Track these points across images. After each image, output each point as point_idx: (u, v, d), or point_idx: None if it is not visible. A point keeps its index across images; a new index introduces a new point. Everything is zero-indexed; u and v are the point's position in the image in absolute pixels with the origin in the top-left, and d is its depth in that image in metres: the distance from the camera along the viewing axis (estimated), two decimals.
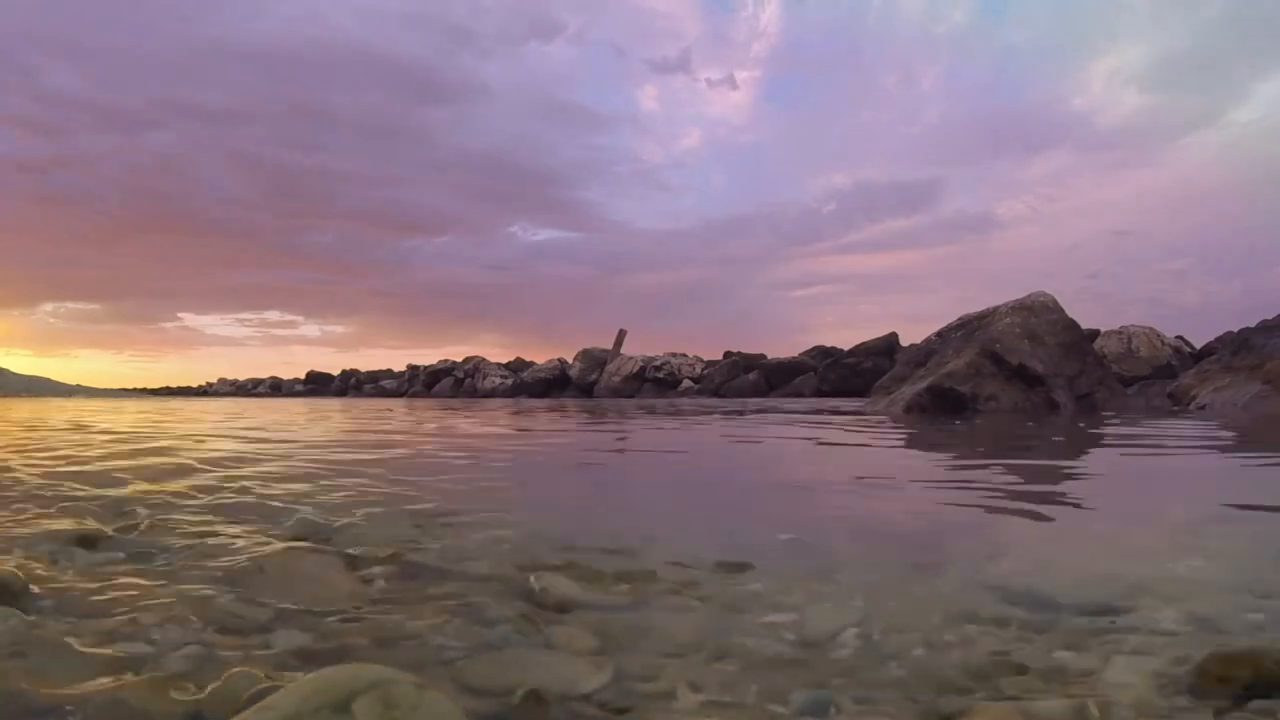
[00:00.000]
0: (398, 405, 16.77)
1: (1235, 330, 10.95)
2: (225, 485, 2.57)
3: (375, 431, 6.22)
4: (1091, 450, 4.54)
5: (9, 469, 2.98)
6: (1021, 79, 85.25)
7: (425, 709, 0.76)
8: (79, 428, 6.16)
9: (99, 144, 71.88)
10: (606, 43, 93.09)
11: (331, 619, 1.16)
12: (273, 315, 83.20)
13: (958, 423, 7.41)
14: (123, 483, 2.60)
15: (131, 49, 70.21)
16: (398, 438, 5.42)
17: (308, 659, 1.00)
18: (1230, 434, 5.19)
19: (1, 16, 59.40)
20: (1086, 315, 15.99)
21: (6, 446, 4.20)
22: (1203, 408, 9.29)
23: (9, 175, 67.72)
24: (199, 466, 3.12)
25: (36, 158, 67.73)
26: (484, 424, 7.60)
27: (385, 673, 0.80)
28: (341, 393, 42.29)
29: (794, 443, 5.05)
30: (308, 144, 79.70)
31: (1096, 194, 78.34)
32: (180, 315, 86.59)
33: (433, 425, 7.22)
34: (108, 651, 1.02)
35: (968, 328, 11.07)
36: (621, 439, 5.63)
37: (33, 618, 1.12)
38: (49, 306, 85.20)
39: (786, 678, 0.98)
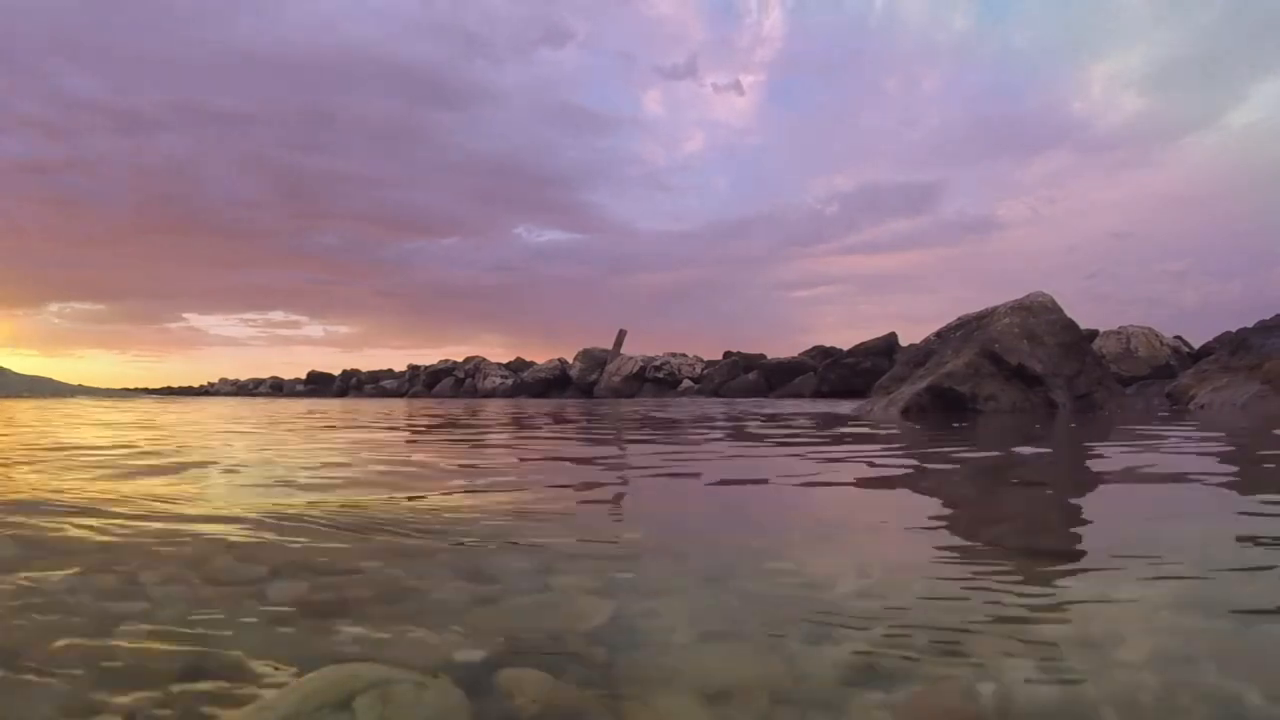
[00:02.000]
0: (399, 406, 16.75)
1: (1234, 330, 10.97)
2: None
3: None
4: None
5: None
6: (1022, 82, 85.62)
7: (425, 707, 0.76)
8: None
9: (110, 146, 72.54)
10: (615, 49, 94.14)
11: (331, 574, 1.18)
12: (277, 315, 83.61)
13: (957, 426, 7.41)
14: None
15: (146, 53, 70.91)
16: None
17: (305, 609, 1.01)
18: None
19: (17, 21, 60.01)
20: (1086, 316, 16.05)
21: None
22: (1201, 408, 9.31)
23: (20, 177, 68.29)
24: None
25: (48, 159, 68.40)
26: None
27: (386, 671, 0.80)
28: (342, 393, 42.26)
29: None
30: (317, 147, 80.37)
31: (1096, 195, 78.73)
32: (185, 315, 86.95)
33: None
34: (106, 606, 1.03)
35: (967, 328, 11.08)
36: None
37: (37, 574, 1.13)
38: (54, 306, 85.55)
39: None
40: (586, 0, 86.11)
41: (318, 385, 45.93)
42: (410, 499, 1.96)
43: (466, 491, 2.13)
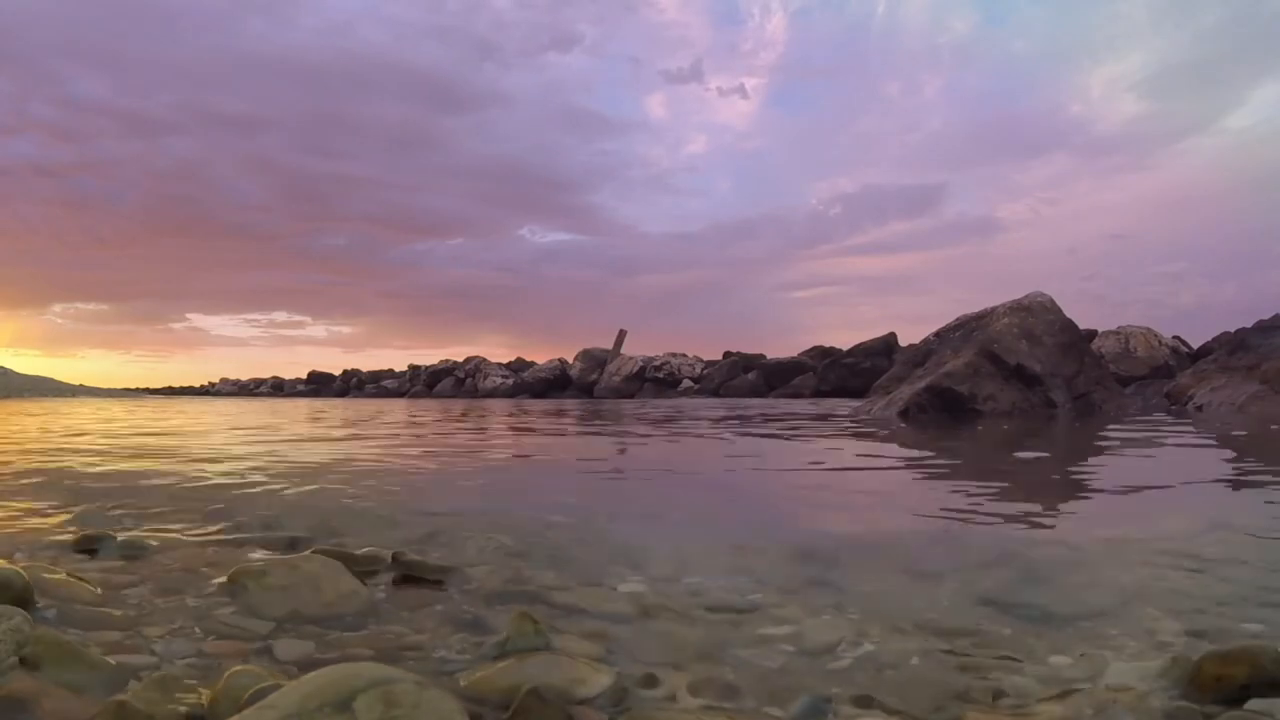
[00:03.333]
0: (401, 408, 16.76)
1: (1233, 330, 10.98)
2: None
3: None
4: None
5: None
6: (1022, 86, 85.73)
7: (426, 707, 0.76)
8: None
9: (121, 149, 72.83)
10: (621, 53, 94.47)
11: (334, 630, 1.19)
12: (280, 316, 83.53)
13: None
14: None
15: (160, 58, 71.35)
16: None
17: (310, 668, 1.03)
18: None
19: (29, 25, 60.41)
20: (1084, 317, 16.00)
21: None
22: (1199, 408, 9.32)
23: (31, 179, 68.76)
24: None
25: (58, 162, 68.73)
26: None
27: (386, 671, 0.80)
28: (343, 393, 42.26)
29: None
30: (327, 150, 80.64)
31: (1095, 198, 78.80)
32: (189, 316, 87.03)
33: None
34: (111, 661, 1.04)
35: (966, 328, 11.09)
36: None
37: (41, 628, 1.14)
38: (58, 307, 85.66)
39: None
40: (594, 6, 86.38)
41: (318, 385, 45.93)
42: None
43: None
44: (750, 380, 27.73)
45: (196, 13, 70.93)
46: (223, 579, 1.43)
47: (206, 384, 57.74)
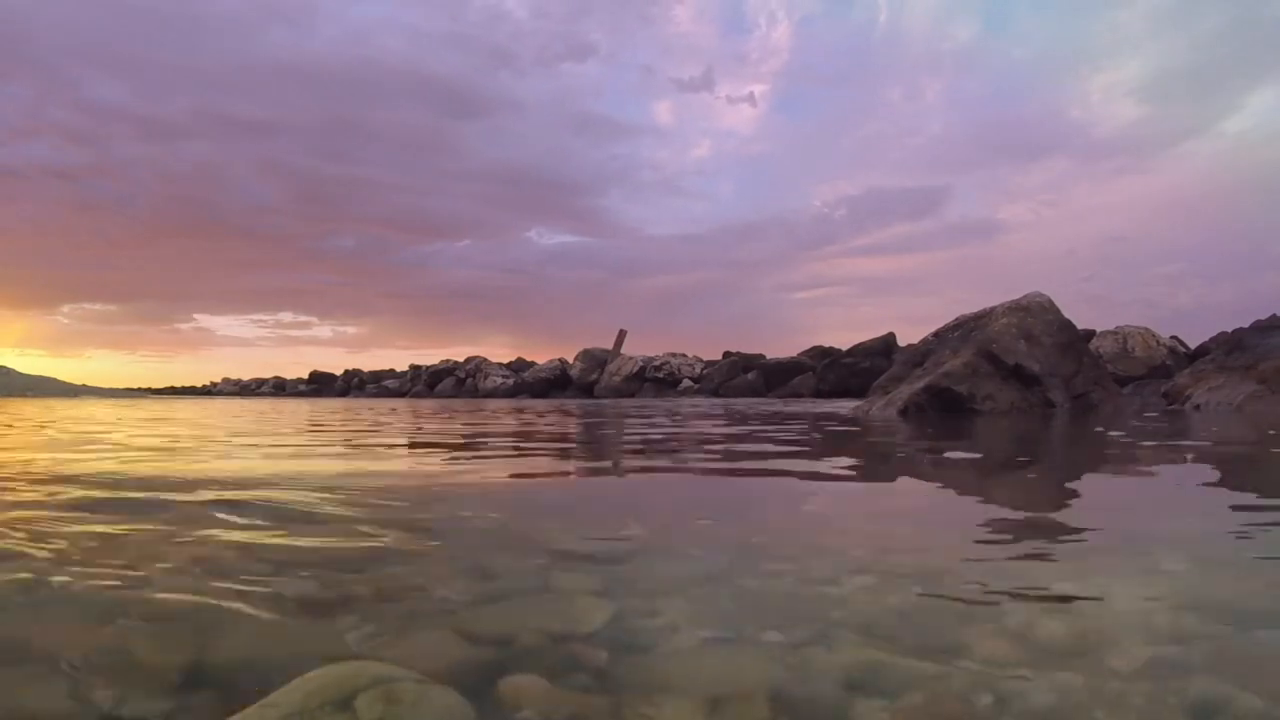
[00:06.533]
0: (403, 409, 16.79)
1: (1230, 331, 11.00)
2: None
3: None
4: None
5: None
6: (1022, 91, 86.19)
7: (426, 705, 0.77)
8: None
9: (135, 152, 73.48)
10: (634, 62, 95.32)
11: (337, 573, 1.23)
12: (286, 316, 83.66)
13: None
14: None
15: (179, 64, 71.83)
16: None
17: (310, 607, 1.07)
18: None
19: (52, 31, 60.96)
20: (1083, 317, 16.06)
21: None
22: (1197, 407, 9.35)
23: (46, 182, 69.29)
24: None
25: (74, 165, 69.24)
26: None
27: (388, 670, 0.82)
28: (344, 393, 42.30)
29: None
30: (340, 154, 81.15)
31: (1094, 200, 79.16)
32: (196, 316, 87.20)
33: None
34: (110, 596, 1.07)
35: (964, 328, 11.12)
36: None
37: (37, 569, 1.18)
38: (66, 308, 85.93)
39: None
40: (611, 16, 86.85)
41: (320, 385, 45.98)
42: None
43: None
44: (749, 380, 27.74)
45: (218, 20, 71.39)
46: (229, 538, 1.47)
47: (209, 384, 57.83)
